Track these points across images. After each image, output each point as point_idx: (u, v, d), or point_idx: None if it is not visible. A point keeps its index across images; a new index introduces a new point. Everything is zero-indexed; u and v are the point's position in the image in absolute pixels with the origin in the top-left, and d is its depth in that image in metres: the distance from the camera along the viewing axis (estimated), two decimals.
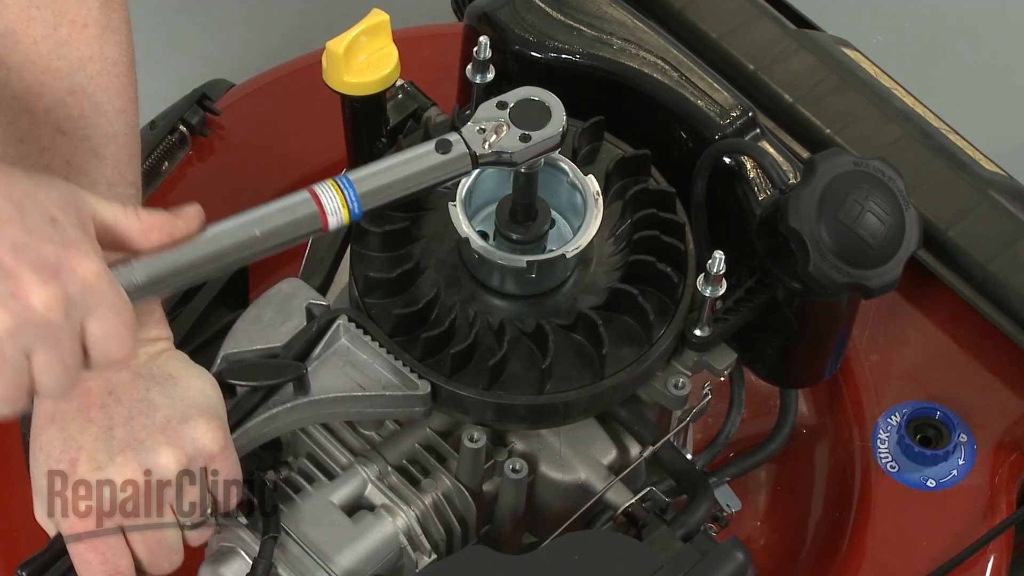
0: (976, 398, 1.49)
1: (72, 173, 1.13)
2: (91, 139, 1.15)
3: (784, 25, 1.60)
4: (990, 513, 1.43)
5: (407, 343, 1.21)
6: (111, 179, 1.15)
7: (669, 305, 1.25)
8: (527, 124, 1.17)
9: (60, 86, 1.14)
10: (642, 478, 1.31)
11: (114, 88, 1.16)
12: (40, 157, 1.13)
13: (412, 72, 1.43)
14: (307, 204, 1.09)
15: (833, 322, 1.33)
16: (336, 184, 1.10)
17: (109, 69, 1.16)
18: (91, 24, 1.16)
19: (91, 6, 1.16)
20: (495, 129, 1.16)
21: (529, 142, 1.16)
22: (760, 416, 1.55)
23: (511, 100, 1.17)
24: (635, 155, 1.30)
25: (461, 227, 1.22)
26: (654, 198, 1.28)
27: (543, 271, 1.23)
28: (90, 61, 1.16)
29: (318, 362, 1.21)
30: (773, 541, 1.54)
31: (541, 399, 1.21)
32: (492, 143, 1.16)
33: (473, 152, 1.15)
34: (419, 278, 1.25)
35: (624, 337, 1.23)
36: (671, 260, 1.25)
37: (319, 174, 1.59)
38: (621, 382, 1.23)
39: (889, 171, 1.24)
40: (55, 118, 1.14)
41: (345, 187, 1.10)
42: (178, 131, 1.65)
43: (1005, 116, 2.14)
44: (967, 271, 1.47)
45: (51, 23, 1.15)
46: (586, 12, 1.39)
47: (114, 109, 1.16)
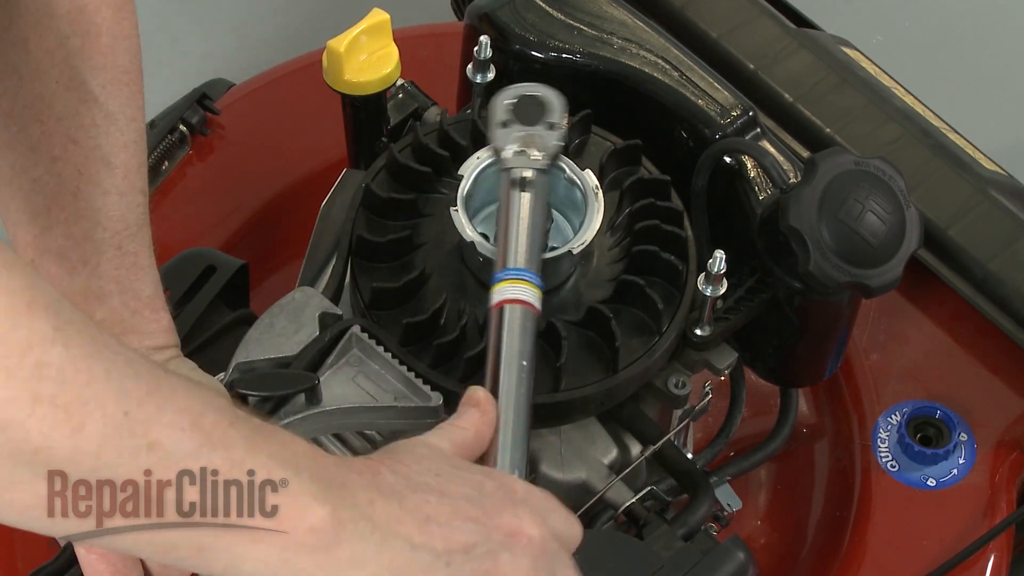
0: (976, 397, 1.49)
1: (83, 183, 1.13)
2: (102, 148, 1.15)
3: (784, 24, 1.60)
4: (990, 512, 1.43)
5: (418, 352, 1.21)
6: (121, 188, 1.15)
7: (675, 294, 1.25)
8: (537, 117, 1.21)
9: (72, 96, 1.14)
10: (643, 477, 1.31)
11: (124, 96, 1.16)
12: (51, 166, 1.13)
13: (412, 71, 1.44)
14: (523, 311, 1.13)
15: (834, 321, 1.33)
16: (518, 280, 1.15)
17: (120, 78, 1.16)
18: (104, 33, 1.16)
19: (104, 15, 1.16)
20: (528, 142, 1.20)
21: (556, 127, 1.21)
22: (761, 415, 1.55)
23: (505, 114, 1.21)
24: (626, 145, 1.30)
25: (465, 231, 1.21)
26: (649, 187, 1.28)
27: (548, 269, 1.23)
28: (102, 70, 1.15)
29: (330, 372, 1.19)
30: (774, 540, 1.54)
31: (558, 396, 1.21)
32: (540, 150, 1.20)
33: (541, 167, 1.20)
34: (425, 286, 1.24)
35: (634, 329, 1.23)
36: (674, 248, 1.25)
37: (319, 174, 1.61)
38: (635, 374, 1.22)
39: (889, 170, 1.24)
40: (67, 127, 1.14)
41: (523, 275, 1.15)
42: (178, 130, 1.65)
43: (1005, 115, 2.14)
44: (967, 270, 1.47)
45: (64, 33, 1.15)
46: (587, 12, 1.39)
47: (125, 118, 1.16)
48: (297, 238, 1.43)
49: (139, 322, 1.16)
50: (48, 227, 1.14)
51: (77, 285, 1.14)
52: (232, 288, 1.37)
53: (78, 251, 1.14)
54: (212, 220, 1.61)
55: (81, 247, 1.14)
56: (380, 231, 1.25)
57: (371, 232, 1.25)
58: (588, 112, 1.31)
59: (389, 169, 1.28)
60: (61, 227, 1.14)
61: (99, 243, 1.15)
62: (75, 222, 1.14)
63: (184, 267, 1.37)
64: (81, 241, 1.14)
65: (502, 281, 1.14)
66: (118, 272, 1.15)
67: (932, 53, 2.21)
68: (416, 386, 1.18)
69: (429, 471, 0.99)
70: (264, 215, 1.63)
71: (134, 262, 1.15)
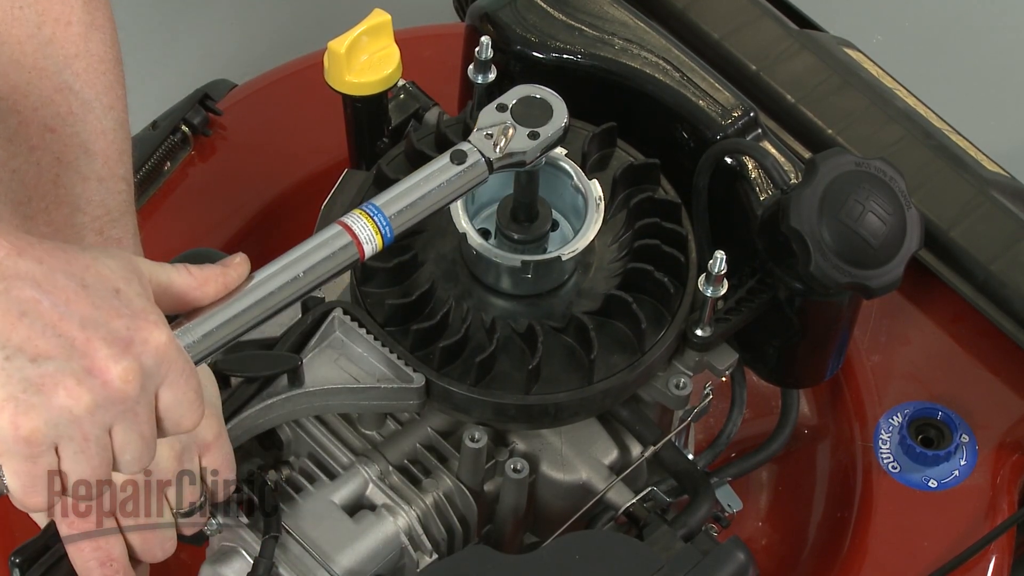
0: (978, 398, 1.49)
1: (62, 170, 1.14)
2: (80, 135, 1.15)
3: (786, 25, 1.60)
4: (992, 513, 1.43)
5: (399, 334, 1.22)
6: (101, 174, 1.16)
7: (664, 314, 1.25)
8: (532, 122, 1.17)
9: (47, 84, 1.14)
10: (643, 478, 1.31)
11: (101, 85, 1.17)
12: (30, 155, 1.13)
13: (414, 72, 1.44)
14: (341, 237, 1.09)
15: (834, 322, 1.33)
16: (365, 213, 1.11)
17: (95, 66, 1.17)
18: (75, 22, 1.16)
19: (74, 5, 1.16)
20: (503, 132, 1.16)
21: (538, 139, 1.16)
22: (761, 416, 1.55)
23: (510, 100, 1.17)
24: (643, 163, 1.30)
25: (460, 223, 1.22)
26: (659, 208, 1.28)
27: (539, 272, 1.23)
28: (76, 59, 1.16)
29: (313, 354, 1.21)
30: (774, 541, 1.54)
31: (530, 399, 1.21)
32: (503, 147, 1.15)
33: (488, 158, 1.15)
34: (417, 270, 1.25)
35: (616, 343, 1.23)
36: (669, 270, 1.25)
37: (321, 174, 1.61)
38: (612, 387, 1.23)
39: (891, 171, 1.24)
40: (43, 116, 1.14)
41: (374, 214, 1.11)
42: (180, 131, 1.65)
43: (1007, 116, 2.14)
44: (969, 271, 1.47)
45: (35, 22, 1.15)
46: (588, 12, 1.39)
47: (102, 105, 1.17)
48: (298, 239, 1.42)
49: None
50: (30, 216, 1.14)
51: None
52: None
53: (59, 237, 1.14)
54: (214, 220, 1.61)
55: (62, 233, 1.14)
56: None
57: None
58: (612, 125, 1.31)
59: (407, 155, 1.30)
60: (42, 215, 1.14)
61: (80, 228, 1.15)
62: (55, 208, 1.14)
63: None
64: (62, 227, 1.14)
65: (360, 210, 1.11)
66: None
67: (933, 53, 2.21)
68: (398, 368, 1.20)
69: (72, 272, 0.94)
70: (265, 215, 1.63)
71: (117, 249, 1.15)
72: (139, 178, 1.58)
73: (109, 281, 0.95)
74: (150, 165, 1.61)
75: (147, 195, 1.61)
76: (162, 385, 0.97)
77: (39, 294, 0.92)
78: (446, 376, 1.21)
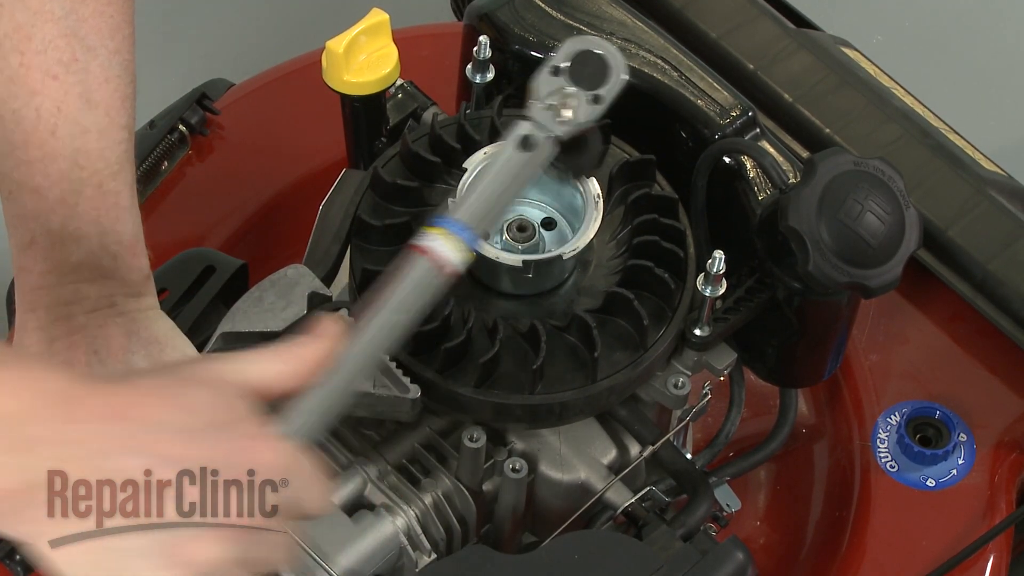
0: (976, 397, 1.49)
1: (61, 120, 1.12)
2: (83, 83, 1.13)
3: (784, 25, 1.60)
4: (990, 513, 1.43)
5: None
6: (102, 125, 1.13)
7: (665, 310, 1.25)
8: (590, 82, 1.08)
9: (52, 29, 1.13)
10: (642, 478, 1.31)
11: (107, 29, 1.14)
12: (31, 99, 1.12)
13: (412, 72, 1.44)
14: (432, 274, 1.02)
15: (833, 322, 1.33)
16: (445, 230, 1.02)
17: (102, 9, 1.14)
18: None
19: None
20: (563, 101, 1.07)
21: (601, 103, 1.08)
22: (760, 415, 1.55)
23: (563, 61, 1.08)
24: (639, 160, 1.30)
25: None
26: (656, 203, 1.28)
27: (540, 271, 1.23)
28: (82, 3, 1.14)
29: None
30: (773, 541, 1.54)
31: (535, 399, 1.21)
32: (567, 118, 1.07)
33: (556, 136, 1.07)
34: None
35: (618, 340, 1.23)
36: (669, 265, 1.25)
37: (319, 174, 1.61)
38: (616, 384, 1.22)
39: (889, 171, 1.24)
40: (46, 61, 1.12)
41: (457, 230, 1.02)
42: (178, 131, 1.64)
43: (1005, 116, 2.14)
44: (967, 270, 1.47)
45: None
46: (586, 12, 1.39)
47: (107, 51, 1.14)
48: (296, 238, 1.43)
49: (118, 267, 1.14)
50: (27, 161, 1.13)
51: (54, 225, 1.13)
52: (231, 288, 1.37)
53: (56, 190, 1.12)
54: (211, 220, 1.61)
55: (59, 186, 1.13)
56: (381, 215, 1.26)
57: (372, 215, 1.26)
58: (607, 122, 1.31)
59: (402, 156, 1.29)
60: (39, 164, 1.12)
61: (77, 182, 1.13)
62: (52, 161, 1.12)
63: (183, 267, 1.37)
64: (58, 181, 1.13)
65: (434, 227, 1.02)
66: (97, 212, 1.13)
67: (932, 53, 2.21)
68: (396, 376, 1.19)
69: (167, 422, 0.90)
70: (263, 215, 1.63)
71: (115, 202, 1.14)
72: (137, 178, 1.58)
73: (210, 413, 0.91)
74: (148, 164, 1.61)
75: (145, 194, 1.60)
76: (296, 495, 0.93)
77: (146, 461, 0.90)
78: (449, 378, 1.21)
